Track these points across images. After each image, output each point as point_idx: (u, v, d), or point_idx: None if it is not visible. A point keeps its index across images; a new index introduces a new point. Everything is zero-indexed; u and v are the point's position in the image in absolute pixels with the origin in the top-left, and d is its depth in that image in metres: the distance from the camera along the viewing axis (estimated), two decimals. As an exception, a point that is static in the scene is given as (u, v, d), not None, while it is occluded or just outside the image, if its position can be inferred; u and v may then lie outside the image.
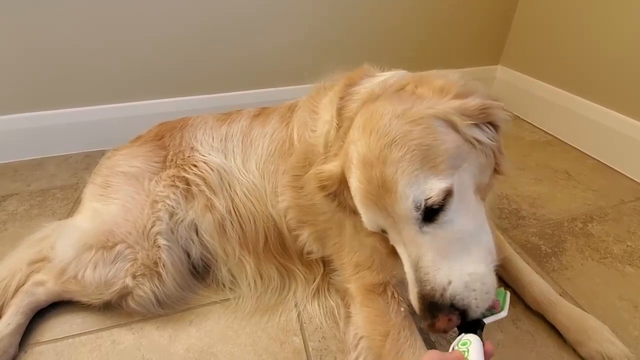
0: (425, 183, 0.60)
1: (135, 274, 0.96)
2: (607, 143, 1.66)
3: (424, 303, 0.60)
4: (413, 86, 0.76)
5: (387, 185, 0.61)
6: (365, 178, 0.64)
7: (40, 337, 0.98)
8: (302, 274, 1.07)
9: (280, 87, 1.96)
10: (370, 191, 0.64)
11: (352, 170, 0.67)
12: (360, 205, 0.67)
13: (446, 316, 0.59)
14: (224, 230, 1.06)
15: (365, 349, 0.83)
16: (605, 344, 0.86)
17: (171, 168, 1.08)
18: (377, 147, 0.63)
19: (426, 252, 0.61)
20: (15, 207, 1.47)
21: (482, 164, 0.68)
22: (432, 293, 0.59)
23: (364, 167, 0.64)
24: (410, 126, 0.64)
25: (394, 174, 0.61)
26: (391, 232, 0.66)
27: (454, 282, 0.59)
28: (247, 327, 0.99)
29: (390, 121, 0.65)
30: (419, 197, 0.60)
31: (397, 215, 0.62)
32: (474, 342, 0.55)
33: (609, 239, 1.25)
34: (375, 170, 0.62)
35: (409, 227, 0.62)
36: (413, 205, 0.60)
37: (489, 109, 0.68)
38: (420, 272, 0.61)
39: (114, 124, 1.81)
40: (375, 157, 0.63)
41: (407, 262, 0.64)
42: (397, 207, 0.61)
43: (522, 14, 2.06)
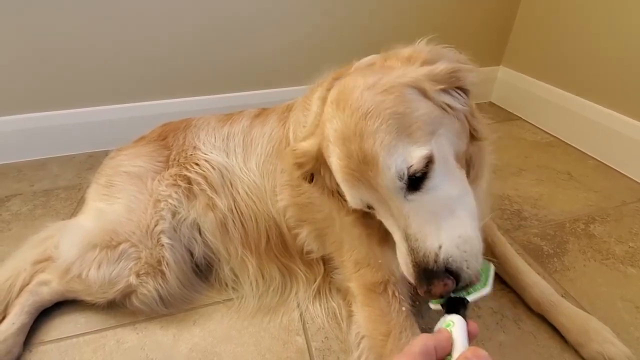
0: (405, 151, 0.60)
1: (139, 273, 0.97)
2: (609, 144, 1.66)
3: (418, 270, 0.60)
4: (382, 59, 0.77)
5: (368, 158, 0.61)
6: (345, 154, 0.63)
7: (45, 336, 0.99)
8: (303, 273, 1.08)
9: (283, 87, 1.97)
10: (351, 167, 0.63)
11: (331, 148, 0.66)
12: (343, 182, 0.66)
13: (441, 280, 0.58)
14: (226, 229, 1.06)
15: (367, 349, 0.84)
16: (607, 345, 0.86)
17: (173, 167, 1.09)
18: (352, 122, 0.62)
19: (414, 220, 0.61)
20: (19, 207, 1.47)
21: (458, 130, 0.68)
22: (425, 259, 0.59)
23: (342, 144, 0.63)
24: (382, 96, 0.63)
25: (373, 146, 0.60)
26: (377, 206, 0.65)
27: (444, 245, 0.59)
28: (250, 327, 1.00)
29: (362, 93, 0.64)
30: (401, 166, 0.60)
31: (382, 188, 0.61)
32: (457, 323, 0.53)
33: (611, 240, 1.25)
34: (354, 144, 0.62)
35: (395, 198, 0.61)
36: (396, 175, 0.60)
37: (458, 72, 0.68)
38: (411, 240, 0.61)
39: (117, 124, 1.82)
40: (352, 131, 0.62)
41: (397, 233, 0.63)
42: (381, 180, 0.60)
43: (524, 15, 2.06)
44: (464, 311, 0.57)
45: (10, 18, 1.52)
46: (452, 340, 0.51)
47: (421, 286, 0.60)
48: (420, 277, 0.60)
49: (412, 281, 0.62)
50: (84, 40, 1.63)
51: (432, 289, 0.58)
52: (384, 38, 2.01)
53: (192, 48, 1.77)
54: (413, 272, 0.61)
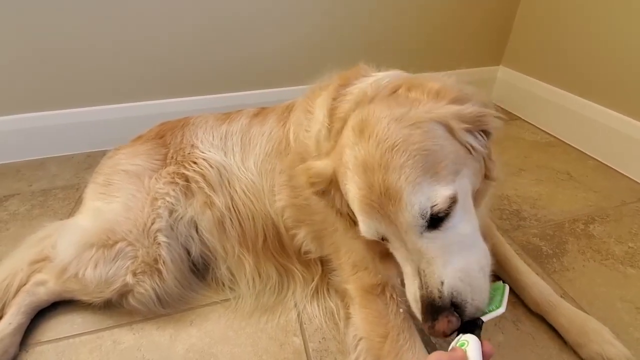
0: (430, 190, 0.60)
1: (135, 272, 0.97)
2: (609, 144, 1.65)
3: (424, 305, 0.60)
4: (406, 89, 0.75)
5: (391, 192, 0.59)
6: (366, 184, 0.62)
7: (41, 336, 0.98)
8: (301, 273, 1.07)
9: (281, 87, 1.96)
10: (371, 198, 0.62)
11: (349, 175, 0.65)
12: (361, 212, 0.64)
13: (445, 317, 0.58)
14: (224, 227, 1.06)
15: (365, 351, 0.83)
16: (606, 345, 0.85)
17: (171, 165, 1.09)
18: (377, 152, 0.61)
19: (430, 257, 0.61)
20: (17, 207, 1.47)
21: (477, 170, 0.69)
22: (431, 294, 0.59)
23: (364, 173, 0.62)
24: (410, 130, 0.63)
25: (397, 181, 0.59)
26: (393, 240, 0.64)
27: (447, 280, 0.59)
28: (247, 328, 0.99)
29: (389, 125, 0.63)
30: (425, 205, 0.59)
31: (401, 224, 0.60)
32: (472, 342, 0.54)
33: (611, 240, 1.24)
34: (377, 176, 0.60)
35: (412, 235, 0.61)
36: (419, 213, 0.59)
37: (485, 117, 0.68)
38: (425, 276, 0.61)
39: (115, 124, 1.82)
40: (377, 162, 0.61)
41: (408, 267, 0.63)
42: (402, 216, 0.59)
43: (524, 15, 2.06)
44: (478, 331, 0.58)
45: (9, 18, 1.52)
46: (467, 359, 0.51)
47: (426, 321, 0.60)
48: (425, 312, 0.60)
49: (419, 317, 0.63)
50: (83, 40, 1.63)
51: (435, 325, 0.58)
52: (384, 38, 2.02)
53: (191, 48, 1.77)
54: (420, 306, 0.61)
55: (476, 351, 0.52)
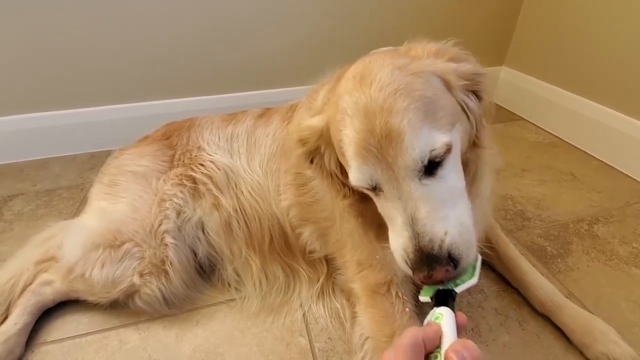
0: (429, 135, 0.60)
1: (142, 273, 0.97)
2: (612, 144, 1.65)
3: (420, 255, 0.59)
4: (406, 48, 0.77)
5: (392, 135, 0.59)
6: (366, 128, 0.61)
7: (47, 336, 0.98)
8: (306, 273, 1.08)
9: (285, 87, 1.97)
10: (369, 142, 0.61)
11: (347, 121, 0.64)
12: (356, 156, 0.63)
13: (444, 266, 0.58)
14: (231, 229, 1.06)
15: (371, 350, 0.83)
16: (612, 345, 0.85)
17: (179, 167, 1.09)
18: (380, 96, 0.61)
19: (424, 205, 0.60)
20: (21, 207, 1.47)
21: (468, 130, 0.70)
22: (431, 244, 0.59)
23: (364, 117, 0.62)
24: (412, 78, 0.63)
25: (400, 123, 0.59)
26: (386, 187, 0.63)
27: (450, 232, 0.59)
28: (253, 328, 1.00)
29: (393, 71, 0.64)
30: (424, 149, 0.59)
31: (399, 167, 0.60)
32: (446, 315, 0.54)
33: (615, 240, 1.25)
34: (379, 119, 0.60)
35: (409, 180, 0.61)
36: (419, 156, 0.59)
37: (480, 76, 0.70)
38: (418, 225, 0.60)
39: (119, 124, 1.82)
40: (379, 106, 0.61)
41: (400, 217, 0.62)
42: (401, 158, 0.59)
43: (527, 15, 2.06)
44: (452, 303, 0.58)
45: (11, 18, 1.52)
46: (441, 332, 0.51)
47: (421, 271, 0.59)
48: (421, 262, 0.59)
49: (407, 266, 0.62)
50: (86, 40, 1.63)
51: (433, 274, 0.58)
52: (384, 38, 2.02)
53: (193, 48, 1.77)
54: (414, 257, 0.60)
55: (451, 323, 0.52)
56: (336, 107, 0.67)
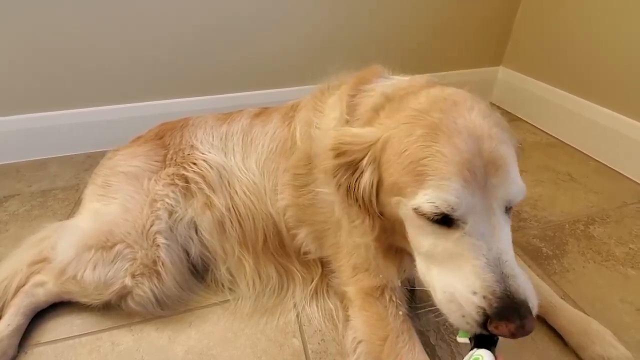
0: (519, 176, 0.61)
1: (134, 274, 0.96)
2: (610, 145, 1.65)
3: (510, 303, 0.53)
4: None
5: (500, 162, 0.57)
6: (472, 149, 0.57)
7: (40, 338, 0.98)
8: (300, 273, 1.07)
9: (283, 88, 1.96)
10: (475, 163, 0.56)
11: (442, 138, 0.59)
12: (456, 177, 0.56)
13: (532, 317, 0.53)
14: (223, 228, 1.06)
15: (364, 354, 0.83)
16: (608, 347, 0.85)
17: (171, 166, 1.09)
18: (485, 123, 0.60)
19: (509, 246, 0.58)
20: (16, 208, 1.47)
21: None
22: (520, 290, 0.54)
23: (469, 138, 0.58)
24: (500, 119, 0.66)
25: (508, 155, 0.58)
26: (474, 218, 0.57)
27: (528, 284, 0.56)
28: (247, 329, 0.99)
29: (488, 107, 0.65)
30: (522, 187, 0.59)
31: (497, 198, 0.57)
32: (486, 357, 0.53)
33: (611, 241, 1.24)
34: (487, 144, 0.57)
35: (499, 215, 0.58)
36: (520, 193, 0.59)
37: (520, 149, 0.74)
38: (505, 267, 0.55)
39: (116, 124, 1.82)
40: (486, 132, 0.59)
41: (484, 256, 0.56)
42: (504, 189, 0.57)
43: (524, 15, 2.05)
44: (493, 348, 0.56)
45: (9, 18, 1.52)
46: None
47: (511, 320, 0.52)
48: (511, 310, 0.53)
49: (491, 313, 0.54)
50: (83, 41, 1.63)
51: (526, 324, 0.53)
52: (384, 38, 2.02)
53: (192, 48, 1.77)
54: (501, 303, 0.53)
55: None
56: (412, 122, 0.63)
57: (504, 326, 0.53)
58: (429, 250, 0.62)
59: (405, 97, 0.72)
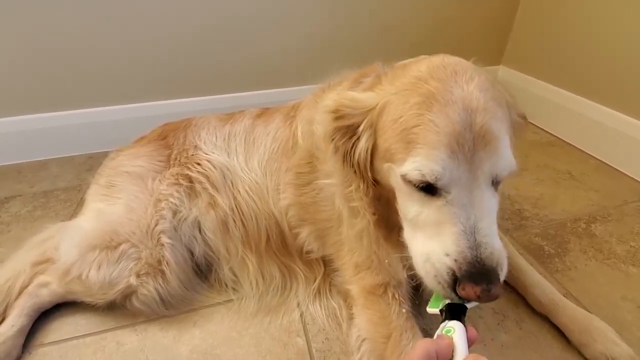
0: (511, 153, 0.61)
1: (139, 273, 0.97)
2: (610, 143, 1.65)
3: (480, 268, 0.56)
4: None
5: (490, 137, 0.57)
6: (464, 121, 0.57)
7: (44, 338, 0.98)
8: (303, 273, 1.07)
9: (284, 87, 1.96)
10: (465, 135, 0.57)
11: (435, 106, 0.59)
12: (444, 146, 0.57)
13: (499, 282, 0.56)
14: (227, 228, 1.06)
15: (368, 352, 0.83)
16: (610, 345, 0.85)
17: (175, 166, 1.09)
18: (481, 96, 0.59)
19: (487, 216, 0.59)
20: (18, 209, 1.47)
21: None
22: (492, 258, 0.56)
23: (463, 110, 0.58)
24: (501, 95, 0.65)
25: (499, 131, 0.58)
26: (457, 189, 0.58)
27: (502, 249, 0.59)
28: (251, 328, 0.99)
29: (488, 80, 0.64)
30: (510, 164, 0.60)
31: (483, 172, 0.58)
32: (458, 329, 0.53)
33: (612, 239, 1.25)
34: (480, 117, 0.58)
35: (485, 188, 0.59)
36: (507, 168, 0.59)
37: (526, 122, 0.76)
38: (479, 234, 0.57)
39: (117, 125, 1.82)
40: (481, 105, 0.59)
41: (461, 224, 0.58)
42: (490, 164, 0.58)
43: (524, 14, 2.06)
44: (463, 318, 0.57)
45: (10, 19, 1.52)
46: (453, 346, 0.51)
47: (478, 283, 0.55)
48: (480, 275, 0.56)
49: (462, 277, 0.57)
50: (84, 41, 1.63)
51: (492, 289, 0.55)
52: (384, 38, 2.02)
53: (193, 48, 1.77)
54: (471, 268, 0.56)
55: (462, 337, 0.52)
56: (410, 89, 0.63)
57: (470, 288, 0.55)
58: (414, 217, 0.64)
59: (408, 64, 0.73)
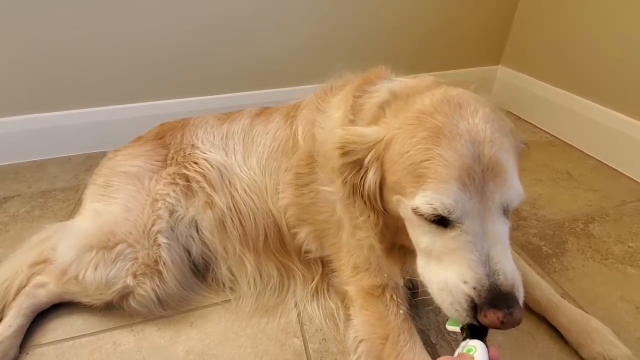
0: (519, 183, 0.62)
1: (136, 273, 0.96)
2: (609, 143, 1.65)
3: (498, 294, 0.56)
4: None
5: (498, 169, 0.59)
6: (472, 154, 0.59)
7: (42, 338, 0.98)
8: (301, 272, 1.07)
9: (283, 88, 1.96)
10: (474, 168, 0.58)
11: (443, 141, 0.60)
12: (455, 180, 0.58)
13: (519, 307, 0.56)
14: (224, 227, 1.06)
15: (365, 353, 0.83)
16: (607, 345, 0.85)
17: (171, 166, 1.09)
18: (487, 128, 0.61)
19: (500, 244, 0.60)
20: (16, 209, 1.47)
21: None
22: (507, 282, 0.57)
23: (470, 143, 0.59)
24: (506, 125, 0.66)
25: (507, 161, 0.60)
26: (470, 220, 0.59)
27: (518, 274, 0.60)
28: (248, 329, 0.99)
29: (493, 111, 0.65)
30: (519, 193, 0.61)
31: (494, 202, 0.59)
32: (479, 348, 0.53)
33: (610, 239, 1.24)
34: (488, 150, 0.59)
35: (496, 217, 0.60)
36: (516, 198, 0.61)
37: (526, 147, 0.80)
38: (493, 262, 0.58)
39: (115, 125, 1.81)
40: (488, 137, 0.60)
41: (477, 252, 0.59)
42: (500, 194, 0.59)
43: (523, 14, 2.06)
44: (485, 338, 0.57)
45: (8, 19, 1.52)
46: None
47: (499, 309, 0.55)
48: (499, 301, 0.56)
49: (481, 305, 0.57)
50: (83, 41, 1.62)
51: (513, 313, 0.55)
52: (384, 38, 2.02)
53: (192, 48, 1.77)
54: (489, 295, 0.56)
55: (484, 358, 0.52)
56: (415, 124, 0.64)
57: (492, 314, 0.55)
58: (427, 246, 0.65)
59: (411, 96, 0.73)
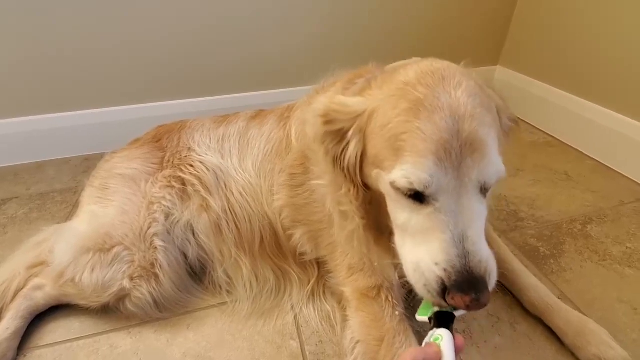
0: (500, 160, 0.61)
1: (132, 276, 0.97)
2: (607, 144, 1.65)
3: (469, 277, 0.56)
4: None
5: (477, 145, 0.57)
6: (451, 129, 0.57)
7: (39, 341, 0.98)
8: (297, 275, 1.07)
9: (283, 88, 1.96)
10: (452, 143, 0.57)
11: (423, 113, 0.59)
12: (432, 154, 0.57)
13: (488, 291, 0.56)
14: (220, 230, 1.06)
15: (362, 354, 0.83)
16: (604, 347, 0.85)
17: (167, 169, 1.09)
18: (469, 103, 0.59)
19: (475, 224, 0.59)
20: (15, 211, 1.47)
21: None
22: (481, 267, 0.56)
23: (450, 117, 0.57)
24: (489, 101, 0.64)
25: (487, 137, 0.58)
26: (445, 196, 0.58)
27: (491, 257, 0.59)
28: (244, 331, 0.99)
29: (477, 85, 0.64)
30: (498, 171, 0.59)
31: (471, 180, 0.58)
32: (446, 337, 0.54)
33: (608, 240, 1.24)
34: (468, 124, 0.57)
35: (472, 195, 0.59)
36: (494, 176, 0.59)
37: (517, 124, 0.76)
38: (468, 242, 0.57)
39: (113, 127, 1.81)
40: (469, 112, 0.58)
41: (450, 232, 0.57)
42: (478, 171, 0.57)
43: (521, 15, 2.06)
44: (451, 326, 0.57)
45: (7, 19, 1.52)
46: (441, 354, 0.51)
47: (467, 293, 0.55)
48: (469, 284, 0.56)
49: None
50: (81, 43, 1.63)
51: (481, 297, 0.55)
52: (383, 38, 2.02)
53: (191, 50, 1.77)
54: (460, 277, 0.56)
55: (450, 345, 0.53)
56: (398, 96, 0.63)
57: (459, 298, 0.56)
58: (404, 223, 0.64)
59: (397, 69, 0.72)
